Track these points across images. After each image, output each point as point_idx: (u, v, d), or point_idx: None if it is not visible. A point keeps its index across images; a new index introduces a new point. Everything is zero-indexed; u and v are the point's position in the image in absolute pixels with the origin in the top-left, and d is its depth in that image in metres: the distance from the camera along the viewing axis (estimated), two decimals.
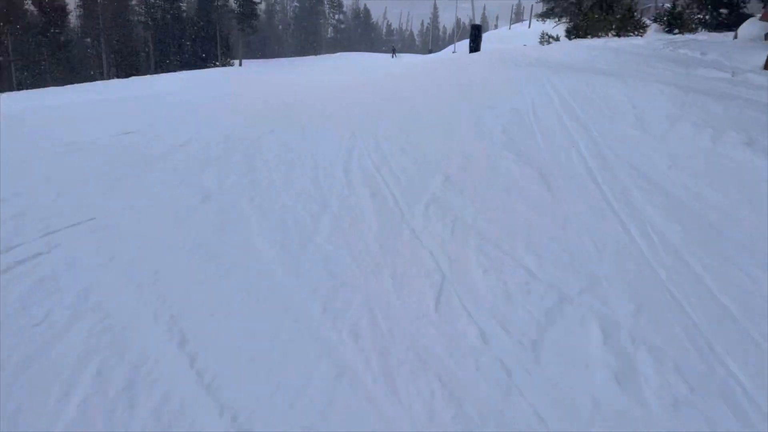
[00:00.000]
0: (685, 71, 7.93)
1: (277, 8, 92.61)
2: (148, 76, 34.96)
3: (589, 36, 16.83)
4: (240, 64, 47.44)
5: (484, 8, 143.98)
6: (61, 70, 37.89)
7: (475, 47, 21.06)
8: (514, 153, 5.18)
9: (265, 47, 77.79)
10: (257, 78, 24.49)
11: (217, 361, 2.50)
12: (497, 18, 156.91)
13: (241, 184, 4.99)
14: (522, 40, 41.15)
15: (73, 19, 45.30)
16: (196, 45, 47.63)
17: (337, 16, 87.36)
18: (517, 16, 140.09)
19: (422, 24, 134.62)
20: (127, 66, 44.61)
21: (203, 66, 45.93)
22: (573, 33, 18.04)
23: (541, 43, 32.52)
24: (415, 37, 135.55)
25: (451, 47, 57.59)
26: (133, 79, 32.07)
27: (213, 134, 7.08)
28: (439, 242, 3.58)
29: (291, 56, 73.68)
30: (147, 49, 46.77)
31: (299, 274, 3.25)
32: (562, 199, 4.11)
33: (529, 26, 53.24)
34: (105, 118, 9.09)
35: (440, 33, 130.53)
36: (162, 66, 46.69)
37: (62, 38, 37.14)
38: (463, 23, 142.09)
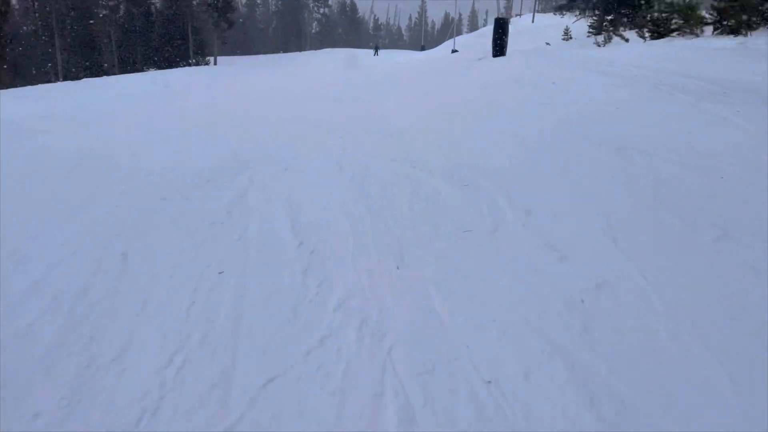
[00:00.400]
0: None
1: (258, 1, 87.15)
2: (102, 78, 29.76)
3: (675, 33, 12.31)
4: (215, 63, 42.43)
5: (473, 4, 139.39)
6: (6, 70, 32.63)
7: (500, 49, 16.49)
8: None
9: (245, 43, 72.51)
10: (221, 83, 19.64)
11: None
12: (486, 13, 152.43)
13: None
14: (534, 37, 36.64)
15: (23, 12, 39.98)
16: (166, 41, 42.43)
17: (322, 10, 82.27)
18: (507, 12, 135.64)
19: (410, 19, 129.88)
20: (90, 65, 39.45)
21: (174, 64, 40.86)
22: (650, 31, 13.42)
23: (566, 40, 28.08)
24: (403, 32, 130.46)
25: (447, 44, 53.00)
26: (83, 82, 27.08)
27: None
28: None
29: (273, 53, 68.57)
30: (110, 47, 41.50)
31: None
32: None
33: (533, 21, 48.81)
34: None
35: (429, 28, 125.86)
36: (127, 65, 41.52)
37: (5, 32, 31.80)
38: (452, 18, 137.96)
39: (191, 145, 6.51)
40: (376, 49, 55.20)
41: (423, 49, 60.32)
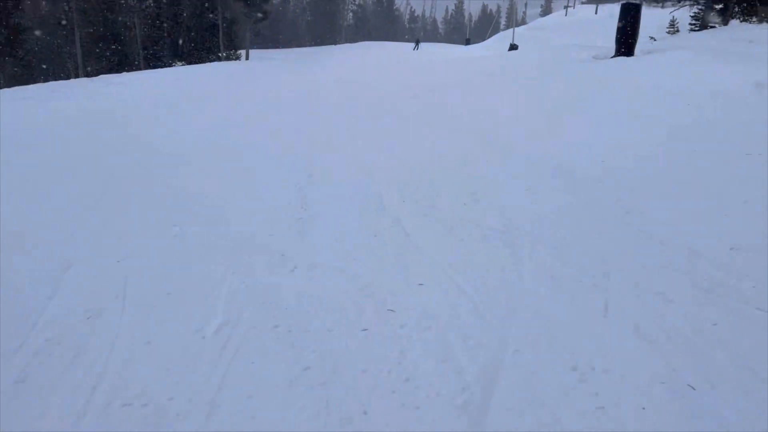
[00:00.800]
0: None
1: None
2: (120, 75, 26.25)
3: None
4: (247, 58, 38.91)
5: None
6: (18, 64, 29.59)
7: (627, 46, 12.33)
8: None
9: (278, 35, 69.07)
10: (254, 90, 15.80)
11: None
12: (526, 5, 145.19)
13: None
14: (606, 33, 31.91)
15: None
16: (195, 33, 39.01)
17: (357, 1, 78.41)
18: (547, 3, 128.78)
19: (446, 11, 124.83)
20: (113, 59, 36.32)
21: (204, 59, 37.46)
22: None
23: (672, 33, 23.49)
24: (439, 24, 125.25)
25: (496, 38, 48.46)
26: (99, 79, 23.76)
27: None
28: None
29: (307, 46, 64.92)
30: (135, 39, 38.26)
31: None
32: None
33: (596, 12, 43.92)
34: None
35: (466, 21, 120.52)
36: (154, 59, 38.31)
37: (16, 21, 28.68)
38: (490, 9, 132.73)
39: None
40: (417, 42, 51.39)
41: (468, 43, 55.78)
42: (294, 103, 9.90)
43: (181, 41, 38.87)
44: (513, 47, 34.34)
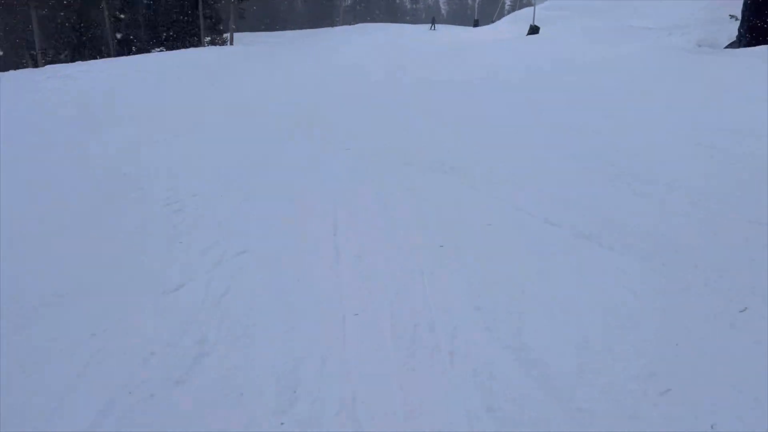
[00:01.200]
0: None
1: None
2: (74, 65, 21.76)
3: None
4: (231, 43, 34.52)
5: None
6: None
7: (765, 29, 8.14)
8: None
9: (272, 16, 64.38)
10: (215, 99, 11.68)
11: None
12: None
13: None
14: (645, 14, 27.51)
15: None
16: (172, 15, 34.59)
17: None
18: None
19: None
20: (78, 45, 32.10)
21: (185, 43, 33.17)
22: None
23: None
24: (442, 6, 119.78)
25: (508, 19, 43.94)
26: (42, 71, 19.57)
27: None
28: None
29: (301, 28, 60.27)
30: (104, 23, 33.84)
31: None
32: None
33: None
34: None
35: (469, 1, 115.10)
36: (127, 44, 34.02)
37: None
38: None
39: None
40: (433, 21, 46.97)
41: (476, 24, 51.20)
42: None
43: (158, 24, 34.45)
44: (533, 30, 29.98)
